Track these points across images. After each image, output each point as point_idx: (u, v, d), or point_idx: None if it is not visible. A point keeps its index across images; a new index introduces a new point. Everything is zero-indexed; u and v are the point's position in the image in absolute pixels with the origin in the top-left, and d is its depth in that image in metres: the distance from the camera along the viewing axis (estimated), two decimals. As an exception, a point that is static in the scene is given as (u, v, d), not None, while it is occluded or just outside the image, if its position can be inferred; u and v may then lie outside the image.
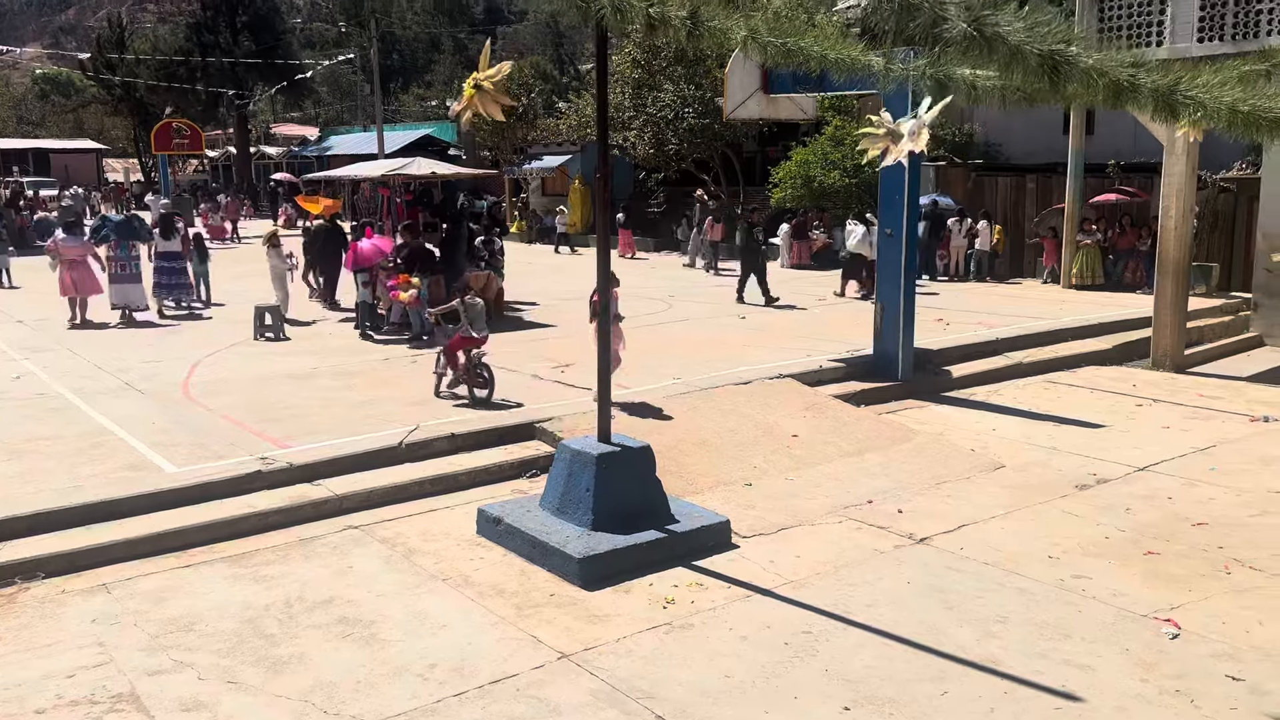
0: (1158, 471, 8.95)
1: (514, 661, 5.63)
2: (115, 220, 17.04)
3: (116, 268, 15.89)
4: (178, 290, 16.78)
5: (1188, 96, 3.16)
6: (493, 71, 6.47)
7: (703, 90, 26.47)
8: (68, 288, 15.56)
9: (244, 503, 7.84)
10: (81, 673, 5.52)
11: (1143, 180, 19.46)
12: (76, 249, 15.78)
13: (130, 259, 15.97)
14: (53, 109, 79.44)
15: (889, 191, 11.79)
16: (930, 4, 3.13)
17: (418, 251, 15.02)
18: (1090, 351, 13.79)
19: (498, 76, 6.34)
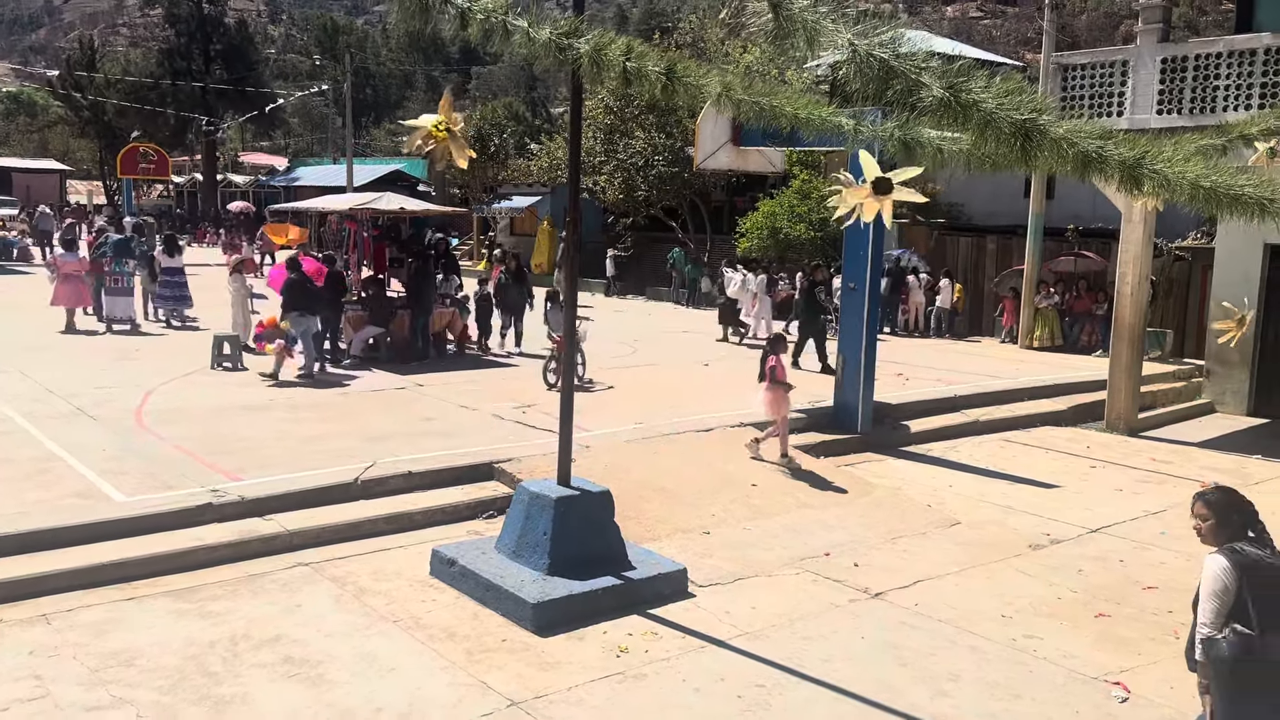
0: (1110, 534, 9.06)
1: (463, 708, 5.54)
2: (114, 239, 18.53)
3: (111, 282, 17.40)
4: (176, 303, 18.28)
5: (1153, 170, 3.25)
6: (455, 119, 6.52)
7: (673, 139, 26.79)
8: (61, 299, 17.05)
9: (192, 535, 7.68)
10: (16, 706, 5.35)
11: (1100, 245, 19.90)
12: (73, 264, 17.40)
13: (125, 274, 17.50)
14: (17, 128, 78.55)
15: (853, 246, 11.95)
16: (908, 71, 3.21)
17: (379, 297, 15.08)
18: (1046, 412, 13.98)
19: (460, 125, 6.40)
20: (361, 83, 72.32)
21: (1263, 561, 4.14)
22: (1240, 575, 4.10)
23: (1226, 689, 4.10)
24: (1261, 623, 4.05)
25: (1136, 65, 14.12)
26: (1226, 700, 4.12)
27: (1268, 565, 4.13)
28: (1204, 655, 4.16)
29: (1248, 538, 4.23)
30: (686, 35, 31.82)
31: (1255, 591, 4.08)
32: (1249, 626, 4.07)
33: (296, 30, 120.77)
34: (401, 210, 15.99)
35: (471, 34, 4.74)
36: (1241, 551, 4.16)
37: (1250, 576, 4.10)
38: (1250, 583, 4.09)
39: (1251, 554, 4.15)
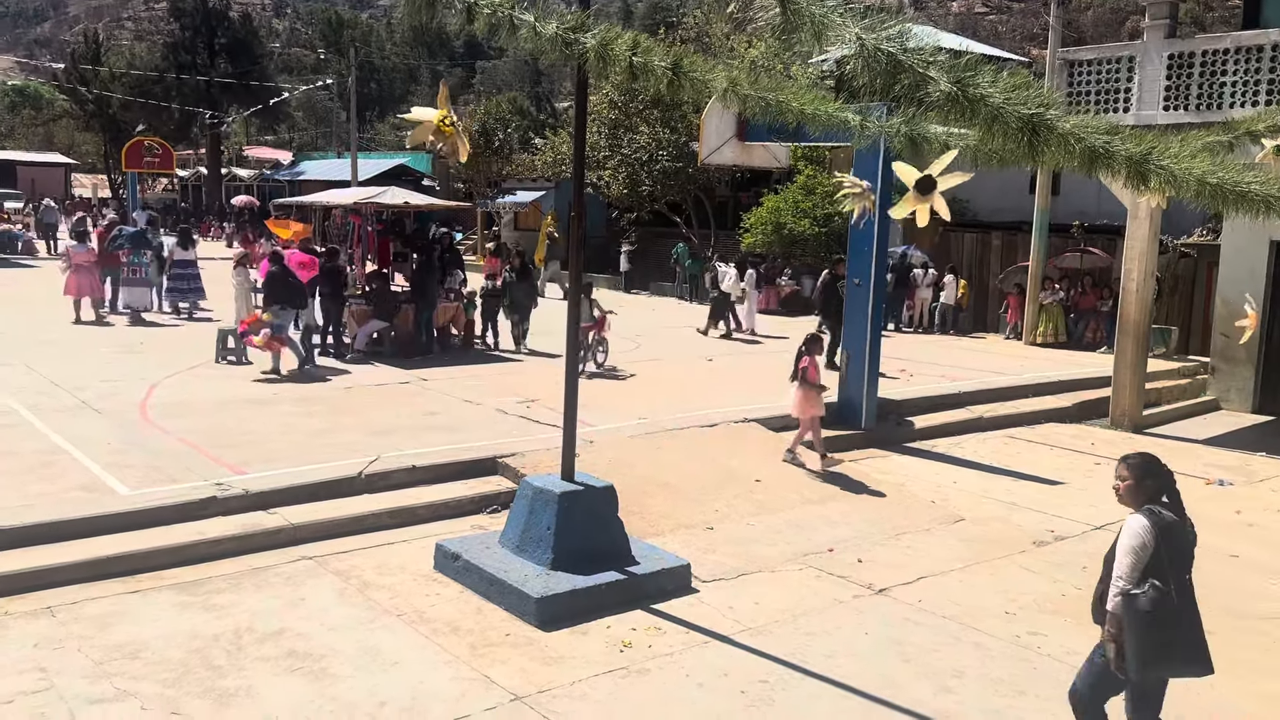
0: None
1: (466, 702, 5.55)
2: (130, 231, 19.13)
3: (128, 272, 18.06)
4: (190, 295, 18.67)
5: (1159, 166, 3.24)
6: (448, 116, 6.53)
7: (678, 134, 26.76)
8: (72, 289, 17.42)
9: (196, 529, 7.69)
10: (21, 698, 5.37)
11: (1106, 242, 19.87)
12: (84, 256, 17.70)
13: (141, 265, 18.12)
14: (22, 121, 78.66)
15: (858, 242, 11.93)
16: (915, 65, 3.19)
17: (383, 292, 15.06)
18: (1050, 409, 13.96)
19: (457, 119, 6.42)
20: (366, 77, 72.33)
21: (1176, 524, 4.55)
22: (1158, 535, 4.50)
23: (1142, 638, 4.45)
24: (1175, 579, 4.45)
25: (1143, 61, 14.08)
26: (1141, 648, 4.47)
27: (1180, 527, 4.56)
28: (1122, 608, 4.51)
29: (1162, 502, 4.63)
30: (691, 30, 31.77)
31: (1170, 550, 4.48)
32: (1164, 582, 4.44)
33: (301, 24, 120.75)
34: (406, 205, 16.00)
35: (478, 28, 4.73)
36: (1159, 513, 4.57)
37: (1166, 536, 4.50)
38: (1166, 542, 4.49)
39: (1167, 516, 4.56)
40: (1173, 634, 4.45)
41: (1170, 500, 4.64)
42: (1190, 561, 4.58)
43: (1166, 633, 4.45)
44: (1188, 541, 4.58)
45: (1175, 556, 4.49)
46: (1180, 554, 4.52)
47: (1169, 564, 4.47)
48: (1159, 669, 4.55)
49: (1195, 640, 4.50)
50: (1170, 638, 4.46)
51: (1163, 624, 4.44)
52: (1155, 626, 4.44)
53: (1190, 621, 4.48)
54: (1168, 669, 4.58)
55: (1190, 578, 4.55)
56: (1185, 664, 4.54)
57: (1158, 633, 4.44)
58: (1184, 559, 4.53)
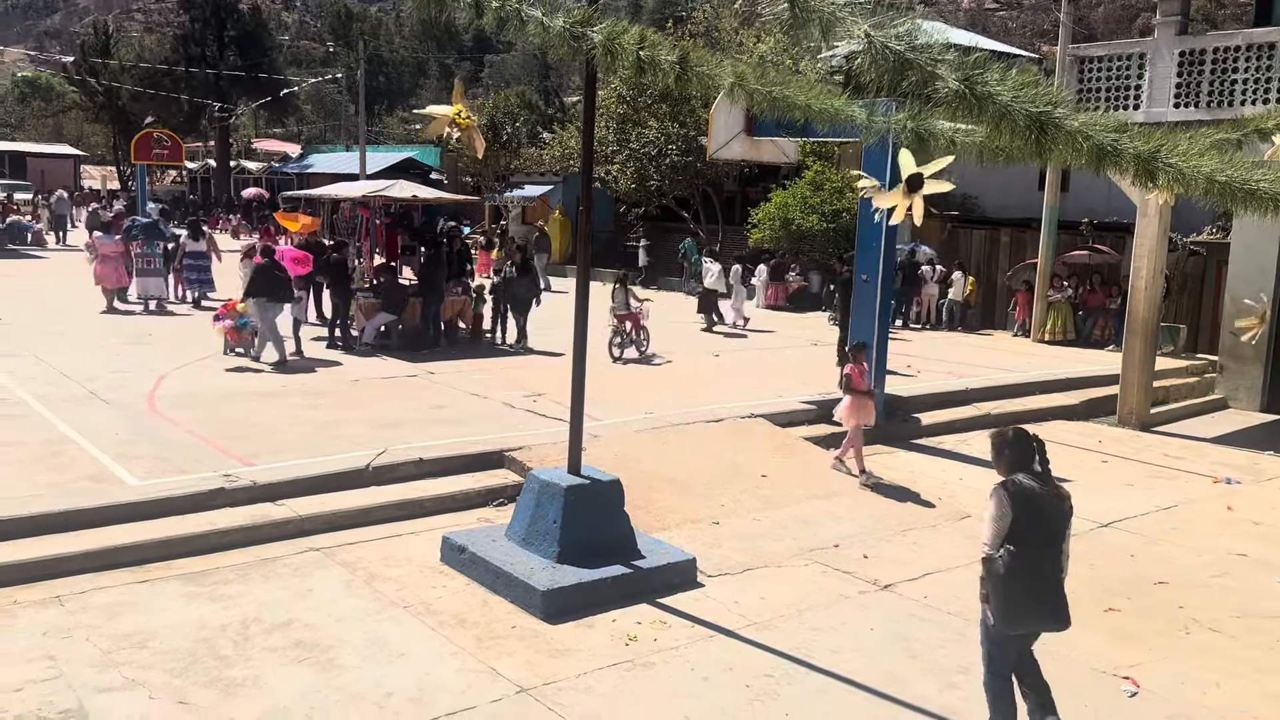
0: (1120, 529, 9.03)
1: (472, 694, 5.57)
2: (144, 222, 19.70)
3: (143, 263, 18.50)
4: (201, 285, 19.06)
5: (1167, 164, 3.23)
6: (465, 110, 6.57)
7: (686, 128, 26.71)
8: (100, 278, 17.95)
9: (204, 519, 7.73)
10: (30, 686, 5.40)
11: (1115, 239, 19.80)
12: (110, 246, 18.14)
13: (155, 255, 18.64)
14: (32, 113, 78.85)
15: (866, 238, 11.92)
16: (924, 62, 3.19)
17: (391, 285, 15.07)
18: (1058, 406, 13.93)
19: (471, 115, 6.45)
20: (375, 70, 72.34)
21: (1036, 492, 4.86)
22: (1015, 504, 4.82)
23: (1001, 597, 4.88)
24: (1028, 542, 4.82)
25: (1154, 58, 14.03)
26: (1001, 606, 4.90)
27: (1040, 495, 4.86)
28: (984, 570, 4.92)
29: (1033, 472, 4.93)
30: (700, 25, 31.73)
31: (1029, 518, 4.82)
32: (1020, 546, 4.81)
33: (310, 17, 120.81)
34: (414, 198, 16.00)
35: (486, 23, 4.74)
36: (1019, 483, 4.88)
37: (1025, 505, 4.82)
38: (1025, 510, 4.82)
39: (1028, 486, 4.86)
40: (1027, 593, 4.84)
41: (1040, 472, 4.94)
42: (1057, 528, 4.91)
43: (1021, 592, 4.84)
44: (1052, 510, 4.89)
45: (1035, 523, 4.81)
46: (1042, 521, 4.84)
47: (1027, 530, 4.81)
48: (1016, 624, 4.94)
49: (1050, 599, 4.89)
50: (1024, 596, 4.85)
51: (1018, 583, 4.83)
52: (1011, 586, 4.83)
53: (1047, 582, 4.86)
54: (1023, 623, 4.96)
55: (1063, 544, 4.94)
56: (1039, 620, 4.96)
57: (1014, 593, 4.84)
58: (1046, 526, 4.86)
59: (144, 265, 18.54)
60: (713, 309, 19.24)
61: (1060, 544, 4.95)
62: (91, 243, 19.03)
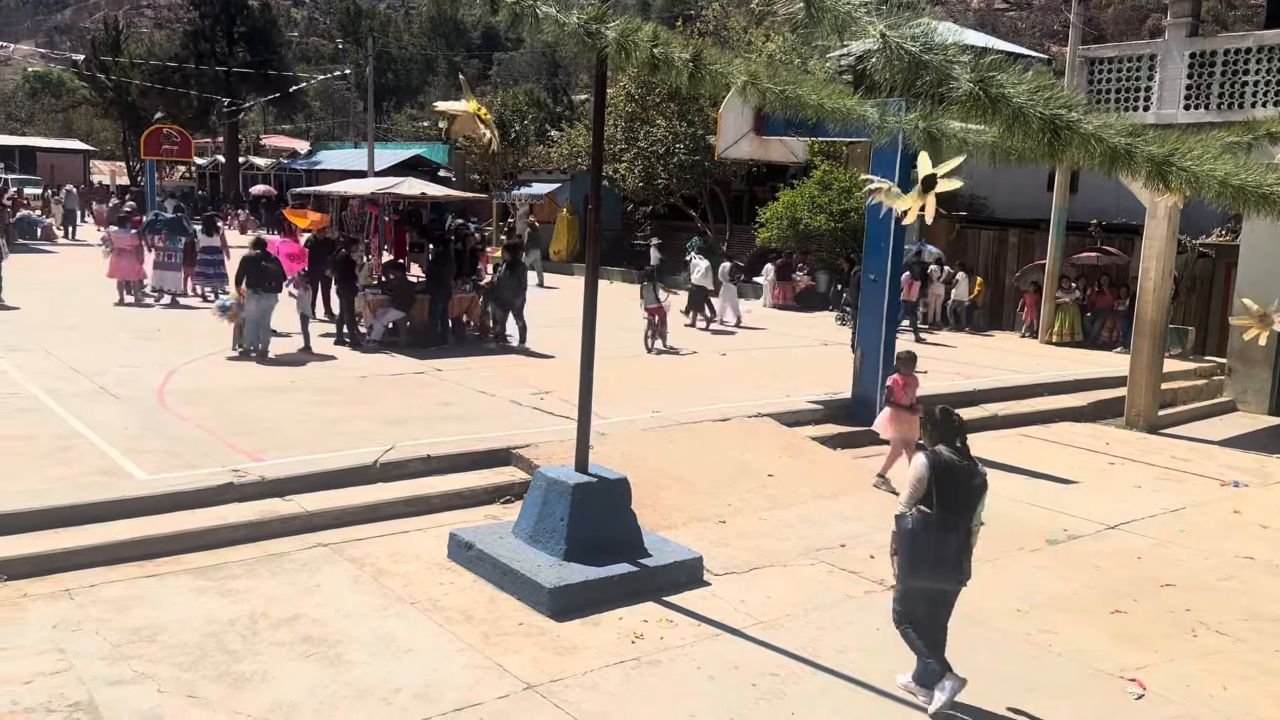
0: (1128, 530, 9.02)
1: (479, 690, 5.59)
2: (166, 217, 20.38)
3: (163, 257, 19.14)
4: (215, 280, 19.32)
5: (1181, 167, 3.23)
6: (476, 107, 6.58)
7: (694, 127, 26.70)
8: (115, 271, 18.46)
9: (213, 514, 7.76)
10: (40, 679, 5.43)
11: (1123, 241, 19.75)
12: (127, 240, 18.63)
13: (176, 250, 19.17)
14: (42, 108, 79.03)
15: (874, 238, 11.91)
16: (938, 63, 3.19)
17: (401, 282, 15.10)
18: (1065, 407, 13.91)
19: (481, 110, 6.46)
20: (383, 67, 72.38)
21: (955, 464, 5.43)
22: (931, 471, 5.41)
23: (905, 551, 5.50)
24: (939, 506, 5.38)
25: (1164, 60, 14.00)
26: (907, 560, 5.51)
27: (957, 467, 5.43)
28: (895, 527, 5.53)
29: (954, 447, 5.50)
30: (709, 23, 31.70)
31: (941, 487, 5.39)
32: (930, 509, 5.39)
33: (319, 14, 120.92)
34: (423, 195, 16.03)
35: (501, 19, 4.75)
36: (939, 454, 5.47)
37: (941, 474, 5.40)
38: (939, 478, 5.39)
39: (946, 457, 5.45)
40: (929, 551, 5.42)
41: (959, 447, 5.52)
42: (968, 499, 5.46)
43: (924, 549, 5.43)
44: (964, 481, 5.44)
45: (946, 490, 5.40)
46: (954, 489, 5.42)
47: (939, 495, 5.38)
48: (917, 578, 5.53)
49: (949, 560, 5.44)
50: (926, 554, 5.44)
51: (922, 542, 5.42)
52: (916, 543, 5.44)
53: (949, 545, 5.41)
54: (923, 578, 5.52)
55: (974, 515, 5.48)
56: (935, 576, 5.52)
57: (918, 549, 5.44)
58: (957, 494, 5.42)
59: (164, 260, 19.16)
60: (701, 306, 19.34)
61: (970, 514, 5.47)
62: (108, 236, 19.47)
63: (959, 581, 5.54)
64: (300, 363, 13.39)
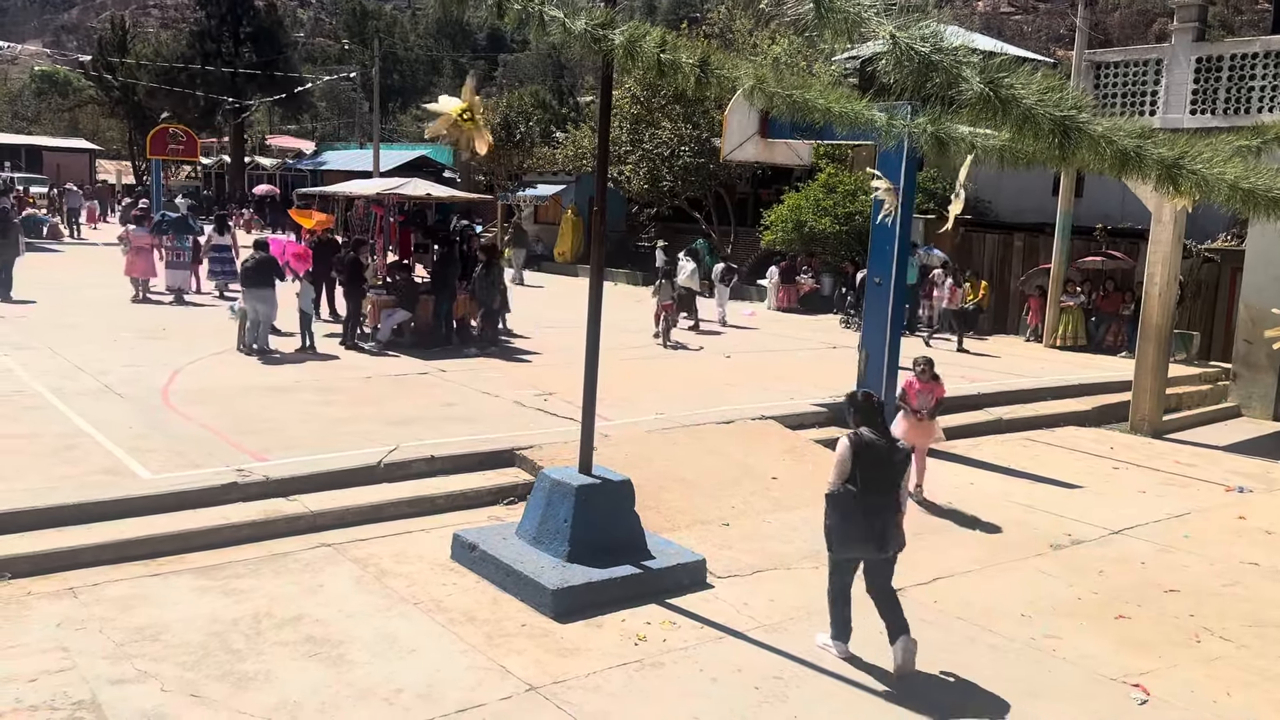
0: (1132, 536, 9.01)
1: (481, 691, 5.59)
2: (174, 216, 20.87)
3: (172, 255, 19.59)
4: (226, 277, 19.72)
5: (1191, 171, 3.22)
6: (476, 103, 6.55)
7: (699, 130, 26.70)
8: (132, 268, 19.02)
9: (217, 514, 7.77)
10: (44, 677, 5.44)
11: (1129, 245, 19.71)
12: (144, 238, 19.25)
13: (184, 249, 19.71)
14: (49, 107, 79.20)
15: (879, 242, 11.89)
16: (948, 64, 3.18)
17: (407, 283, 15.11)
18: (1070, 412, 13.89)
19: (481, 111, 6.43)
20: (389, 68, 72.40)
21: (875, 443, 5.99)
22: (853, 452, 5.96)
23: (838, 527, 6.02)
24: (863, 483, 5.92)
25: (1170, 64, 13.98)
26: (838, 534, 6.04)
27: (878, 446, 5.99)
28: (827, 504, 6.05)
29: (875, 428, 6.07)
30: (715, 25, 31.70)
31: (862, 464, 5.93)
32: (855, 485, 5.93)
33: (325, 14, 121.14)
34: (428, 196, 16.05)
35: (508, 22, 4.75)
36: (860, 435, 6.03)
37: (862, 454, 5.96)
38: (860, 458, 5.95)
39: (867, 437, 6.01)
40: (856, 525, 5.95)
41: (880, 428, 6.12)
42: (889, 474, 5.99)
43: (849, 522, 5.95)
44: (886, 459, 5.99)
45: (868, 467, 5.93)
46: (875, 466, 5.94)
47: (862, 473, 5.92)
48: (845, 549, 6.05)
49: (875, 532, 5.95)
50: (854, 527, 5.96)
51: (847, 516, 5.95)
52: (841, 519, 5.98)
53: (874, 518, 5.92)
54: (850, 549, 6.05)
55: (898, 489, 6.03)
56: (863, 548, 6.02)
57: (844, 522, 5.97)
58: (879, 471, 5.95)
59: (173, 258, 19.62)
60: (689, 307, 19.44)
61: (893, 488, 6.01)
62: (126, 235, 19.96)
63: (889, 550, 6.04)
64: (304, 363, 13.41)
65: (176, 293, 19.24)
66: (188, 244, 19.92)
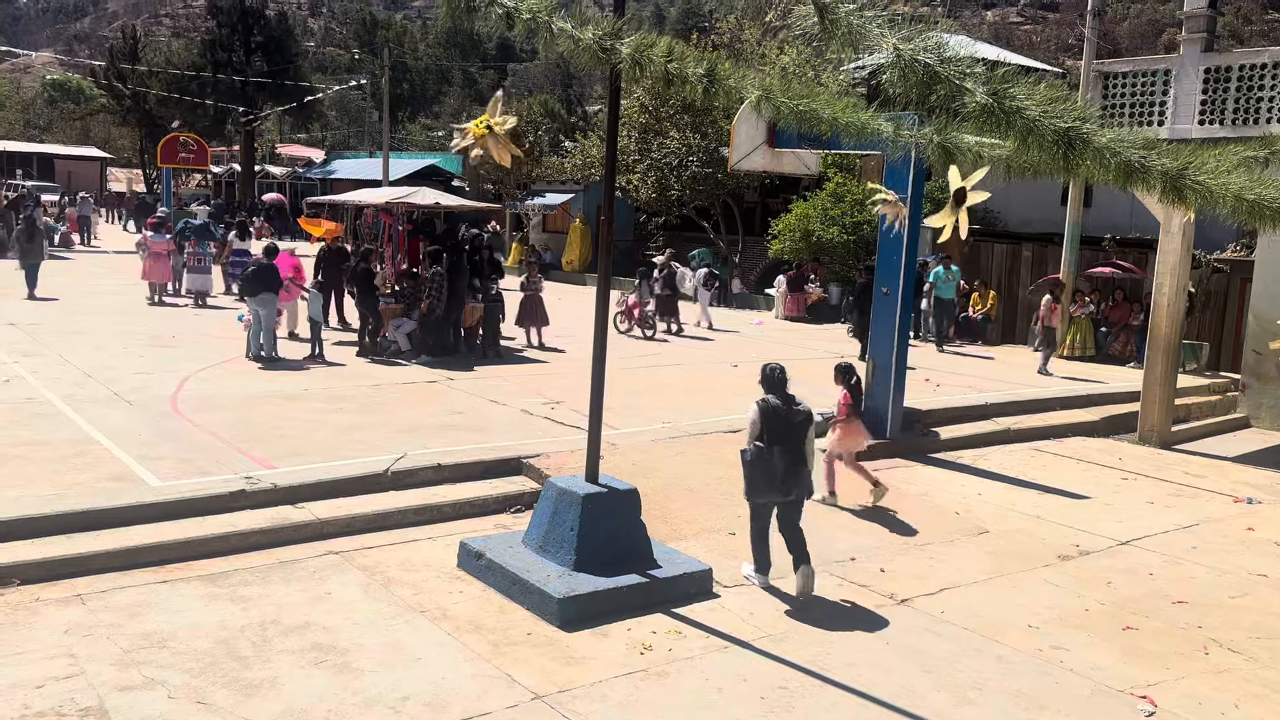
0: (1140, 546, 8.97)
1: (487, 700, 5.59)
2: (196, 224, 21.66)
3: (194, 261, 20.32)
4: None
5: (1195, 181, 3.22)
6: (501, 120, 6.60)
7: (707, 139, 26.77)
8: (147, 274, 19.79)
9: (226, 521, 7.79)
10: (51, 684, 5.46)
11: (1138, 255, 19.67)
12: (161, 244, 19.98)
13: (205, 254, 20.50)
14: (60, 115, 79.67)
15: (887, 252, 11.90)
16: (952, 75, 3.19)
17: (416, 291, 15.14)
18: (1078, 422, 13.85)
19: (507, 125, 6.47)
20: (399, 77, 72.71)
21: (780, 409, 7.16)
22: (761, 415, 7.15)
23: (750, 477, 7.19)
24: (769, 441, 7.09)
25: (1179, 75, 13.98)
26: (748, 483, 7.22)
27: (781, 409, 7.16)
28: (741, 460, 7.20)
29: (780, 394, 7.22)
30: (724, 35, 31.78)
31: (768, 425, 7.12)
32: (763, 443, 7.10)
33: (335, 24, 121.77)
34: (437, 205, 16.09)
35: (517, 32, 4.77)
36: (767, 401, 7.21)
37: (767, 417, 7.14)
38: (766, 420, 7.13)
39: (773, 402, 7.19)
40: (763, 475, 7.11)
41: (784, 395, 7.23)
42: (791, 433, 7.12)
43: (760, 474, 7.12)
44: (788, 420, 7.14)
45: (773, 428, 7.10)
46: (779, 427, 7.11)
47: (768, 433, 7.10)
48: (756, 495, 7.23)
49: (780, 480, 7.09)
50: (761, 477, 7.12)
51: (758, 468, 7.11)
52: (752, 470, 7.14)
53: (778, 469, 7.06)
54: (760, 495, 7.22)
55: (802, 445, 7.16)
56: (770, 494, 7.18)
57: (754, 474, 7.14)
58: (784, 431, 7.11)
59: (195, 263, 20.35)
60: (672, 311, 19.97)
61: (797, 444, 7.13)
62: (144, 241, 20.61)
63: (794, 495, 7.19)
64: (313, 370, 13.45)
65: (199, 296, 19.90)
66: (209, 250, 20.70)
